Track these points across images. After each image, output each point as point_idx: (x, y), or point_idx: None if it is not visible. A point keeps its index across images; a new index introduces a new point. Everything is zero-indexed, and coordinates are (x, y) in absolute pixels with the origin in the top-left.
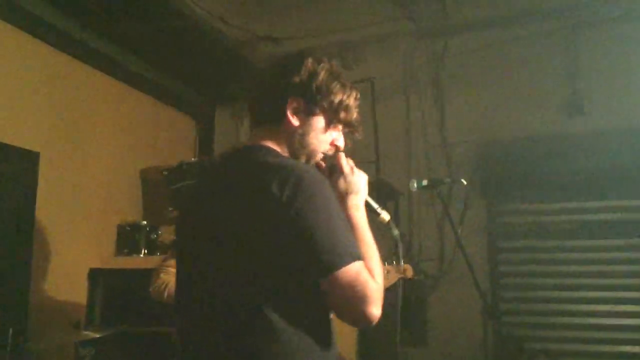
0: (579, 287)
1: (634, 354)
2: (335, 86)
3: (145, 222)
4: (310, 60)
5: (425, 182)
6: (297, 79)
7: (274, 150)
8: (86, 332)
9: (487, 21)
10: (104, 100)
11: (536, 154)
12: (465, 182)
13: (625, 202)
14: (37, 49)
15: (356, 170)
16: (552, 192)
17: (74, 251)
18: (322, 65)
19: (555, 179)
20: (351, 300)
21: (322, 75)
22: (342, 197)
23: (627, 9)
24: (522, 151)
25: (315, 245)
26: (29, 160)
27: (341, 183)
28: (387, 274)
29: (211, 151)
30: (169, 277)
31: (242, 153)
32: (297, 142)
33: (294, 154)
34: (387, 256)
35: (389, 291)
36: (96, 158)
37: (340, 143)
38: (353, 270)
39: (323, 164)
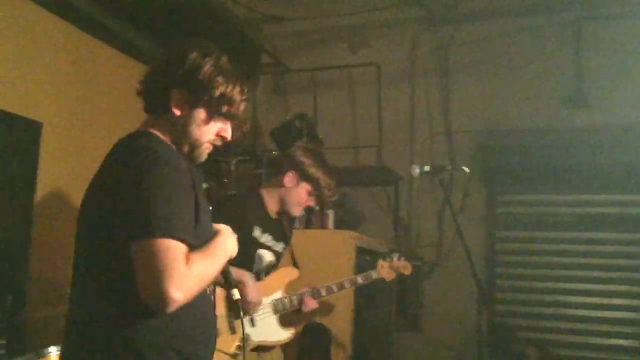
0: (573, 279)
1: (623, 347)
2: (219, 79)
3: None
4: (194, 54)
5: (427, 168)
6: (180, 72)
7: (155, 136)
8: None
9: (495, 11)
10: (110, 73)
11: (538, 146)
12: (467, 170)
13: (625, 197)
14: (44, 20)
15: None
16: (553, 184)
17: (75, 222)
18: (207, 59)
19: (557, 171)
20: (152, 273)
21: (205, 68)
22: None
23: (634, 6)
24: (525, 142)
25: (137, 210)
26: (32, 130)
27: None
28: (388, 269)
29: None
30: None
31: (126, 139)
32: (179, 132)
33: (177, 143)
34: (387, 243)
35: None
36: (101, 130)
37: (227, 134)
38: (165, 244)
39: (204, 151)
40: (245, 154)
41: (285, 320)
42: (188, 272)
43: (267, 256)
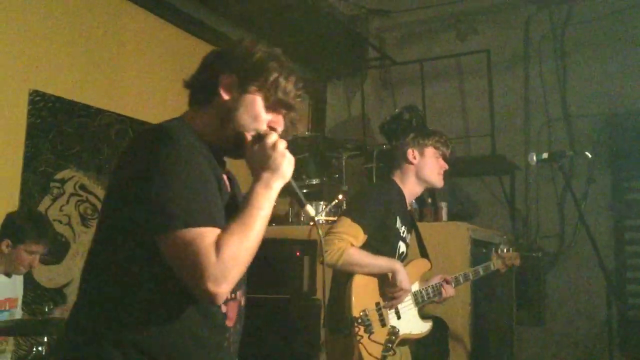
0: None
1: None
2: (272, 65)
3: None
4: (247, 41)
5: (545, 156)
6: (230, 57)
7: (179, 120)
8: None
9: None
10: None
11: None
12: (590, 155)
13: None
14: (166, 32)
15: (282, 148)
16: None
17: None
18: (259, 46)
19: None
20: (182, 268)
21: (258, 54)
22: (256, 170)
23: None
24: None
25: (150, 202)
26: None
27: (259, 155)
28: (497, 260)
29: (323, 126)
30: (343, 244)
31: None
32: (225, 116)
33: (221, 127)
34: (504, 234)
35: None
36: None
37: (279, 126)
38: (187, 237)
39: (249, 136)
40: (356, 149)
41: (422, 312)
42: (219, 260)
43: (402, 247)
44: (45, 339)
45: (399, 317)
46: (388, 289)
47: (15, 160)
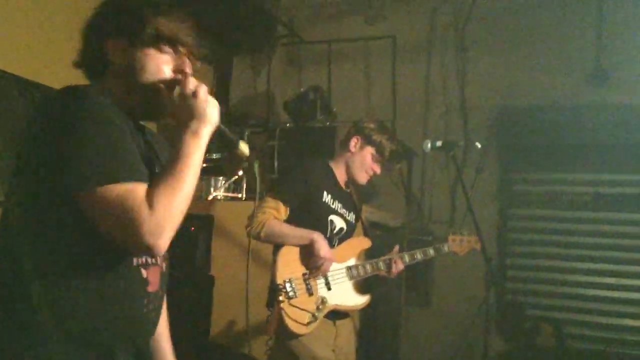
0: (586, 259)
1: (634, 328)
2: (149, 12)
3: None
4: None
5: (439, 144)
6: (106, 22)
7: (89, 85)
8: None
9: None
10: None
11: (555, 123)
12: (479, 146)
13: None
14: None
15: (203, 94)
16: (568, 162)
17: None
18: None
19: (572, 149)
20: (113, 226)
21: (130, 9)
22: (182, 122)
23: None
24: (542, 119)
25: (68, 159)
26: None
27: (181, 107)
28: (460, 243)
29: (227, 99)
30: (265, 216)
31: None
32: (128, 80)
33: (130, 92)
34: (398, 217)
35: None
36: None
37: (184, 66)
38: (112, 193)
39: (163, 88)
40: (259, 126)
41: (359, 286)
42: (153, 214)
43: (338, 222)
44: None
45: (329, 288)
46: (311, 259)
47: None
